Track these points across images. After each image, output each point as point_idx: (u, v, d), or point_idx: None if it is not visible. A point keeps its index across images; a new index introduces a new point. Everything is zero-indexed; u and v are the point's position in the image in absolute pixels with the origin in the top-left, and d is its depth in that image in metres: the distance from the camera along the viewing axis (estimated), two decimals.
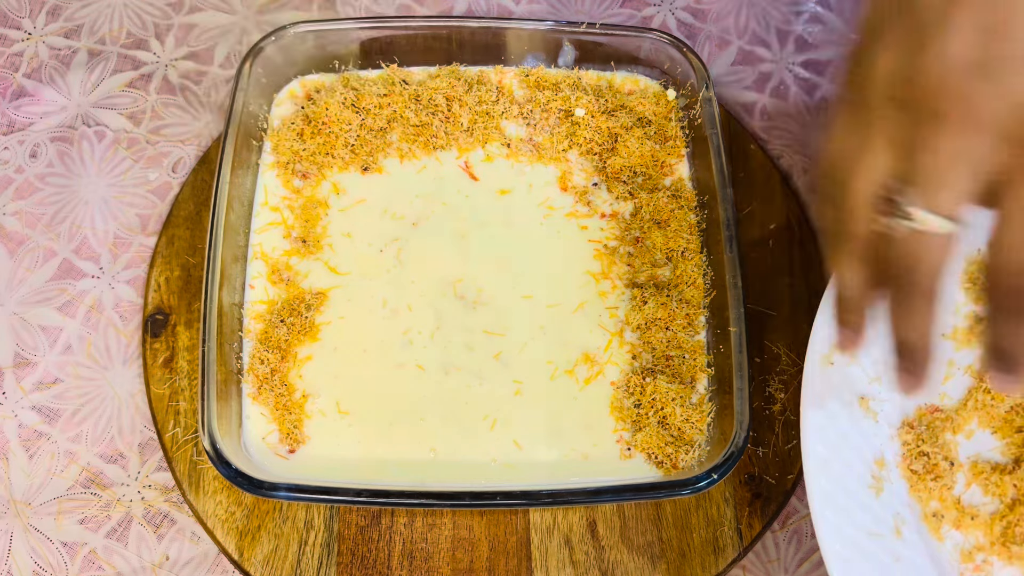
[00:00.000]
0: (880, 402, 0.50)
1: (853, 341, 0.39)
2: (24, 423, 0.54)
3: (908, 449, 0.50)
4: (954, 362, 0.53)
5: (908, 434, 0.50)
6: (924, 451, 0.50)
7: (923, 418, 0.51)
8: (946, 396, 0.52)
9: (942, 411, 0.51)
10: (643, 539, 0.52)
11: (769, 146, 0.64)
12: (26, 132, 0.62)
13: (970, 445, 0.51)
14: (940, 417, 0.51)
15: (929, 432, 0.50)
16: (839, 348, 0.42)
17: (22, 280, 0.58)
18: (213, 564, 0.52)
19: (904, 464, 0.50)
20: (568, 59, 0.62)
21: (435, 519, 0.52)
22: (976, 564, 0.49)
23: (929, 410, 0.51)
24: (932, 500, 0.49)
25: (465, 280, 0.56)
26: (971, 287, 0.53)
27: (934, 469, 0.49)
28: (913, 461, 0.50)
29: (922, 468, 0.49)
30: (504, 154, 0.60)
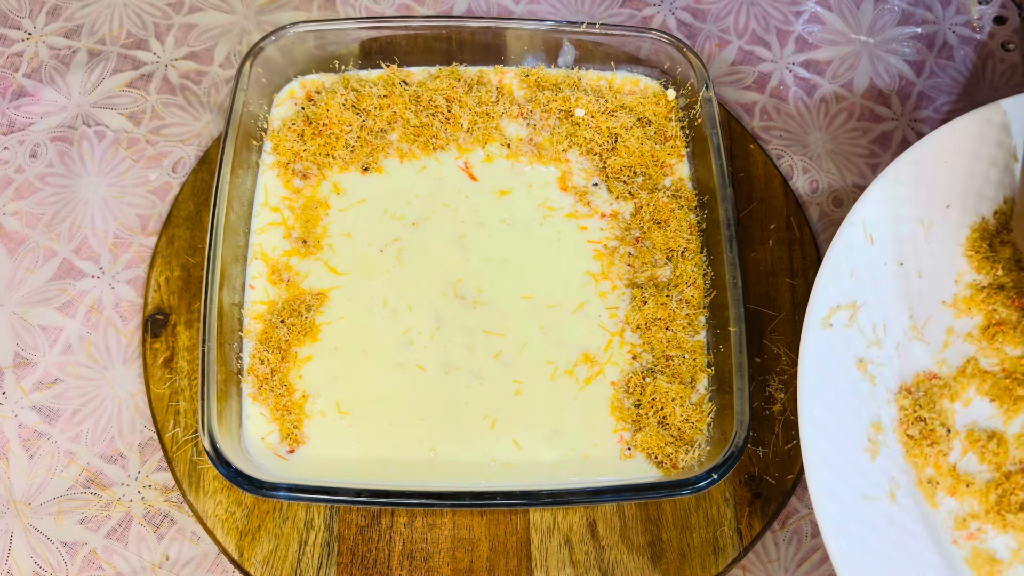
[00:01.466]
0: (879, 366, 0.50)
1: None
2: (24, 423, 0.54)
3: (905, 414, 0.50)
4: (953, 330, 0.53)
5: (906, 399, 0.50)
6: (921, 416, 0.49)
7: (921, 384, 0.51)
8: (945, 363, 0.52)
9: (940, 378, 0.51)
10: (643, 539, 0.52)
11: (769, 146, 0.64)
12: (26, 132, 0.62)
13: (967, 413, 0.51)
14: (938, 384, 0.51)
15: (927, 398, 0.50)
16: None
17: (22, 280, 0.58)
18: (213, 564, 0.52)
19: (901, 429, 0.50)
20: (568, 59, 0.62)
21: (435, 519, 0.52)
22: (970, 531, 0.49)
23: (927, 376, 0.51)
24: (928, 466, 0.49)
25: (465, 280, 0.56)
26: (974, 255, 0.53)
27: (930, 435, 0.49)
28: (910, 426, 0.49)
29: (918, 433, 0.49)
30: (504, 154, 0.60)
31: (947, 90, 0.66)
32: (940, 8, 0.69)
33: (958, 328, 0.53)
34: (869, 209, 0.50)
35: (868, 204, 0.50)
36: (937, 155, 0.51)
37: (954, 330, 0.53)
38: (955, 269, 0.53)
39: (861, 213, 0.50)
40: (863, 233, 0.50)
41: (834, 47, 0.67)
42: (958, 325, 0.53)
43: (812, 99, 0.65)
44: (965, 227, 0.54)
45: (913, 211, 0.52)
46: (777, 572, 0.53)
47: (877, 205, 0.50)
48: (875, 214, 0.50)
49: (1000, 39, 0.68)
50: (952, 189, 0.52)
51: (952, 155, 0.52)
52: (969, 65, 0.67)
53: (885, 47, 0.67)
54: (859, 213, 0.50)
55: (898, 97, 0.65)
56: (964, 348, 0.52)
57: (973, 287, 0.53)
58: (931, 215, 0.52)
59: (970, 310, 0.53)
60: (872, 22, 0.68)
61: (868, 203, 0.50)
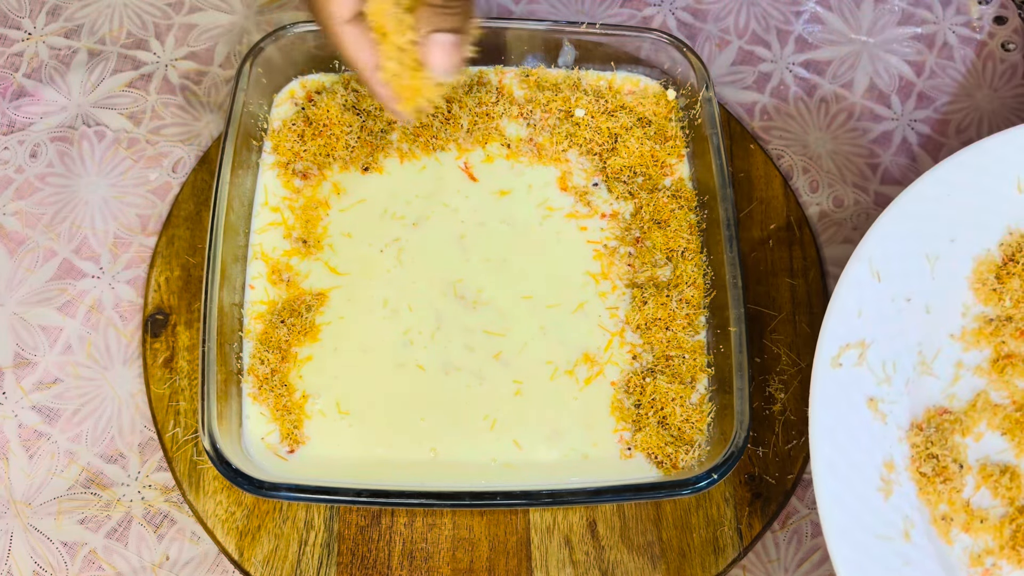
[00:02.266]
0: (889, 404, 0.50)
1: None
2: (24, 423, 0.54)
3: (917, 451, 0.50)
4: (963, 363, 0.52)
5: (917, 436, 0.50)
6: (933, 453, 0.49)
7: (932, 420, 0.51)
8: (955, 398, 0.52)
9: (951, 413, 0.51)
10: (643, 539, 0.52)
11: (769, 146, 0.64)
12: (26, 132, 0.62)
13: (979, 447, 0.51)
14: (949, 419, 0.51)
15: (938, 434, 0.50)
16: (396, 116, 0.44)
17: (22, 280, 0.58)
18: (213, 564, 0.52)
19: (913, 466, 0.49)
20: (568, 59, 0.62)
21: (435, 519, 0.52)
22: (985, 568, 0.49)
23: (938, 412, 0.51)
24: (941, 503, 0.49)
25: (465, 280, 0.56)
26: (980, 288, 0.53)
27: (943, 472, 0.49)
28: (922, 463, 0.49)
29: (931, 471, 0.49)
30: (504, 154, 0.60)
31: (947, 90, 0.66)
32: (940, 8, 0.69)
33: (967, 361, 0.53)
34: (874, 246, 0.50)
35: (873, 241, 0.50)
36: (940, 189, 0.52)
37: (963, 363, 0.52)
38: (961, 302, 0.53)
39: (867, 250, 0.50)
40: (869, 270, 0.50)
41: (834, 47, 0.67)
42: (967, 358, 0.53)
43: (812, 99, 0.65)
44: (970, 259, 0.53)
45: (918, 246, 0.52)
46: (777, 572, 0.53)
47: (882, 241, 0.50)
48: (881, 251, 0.50)
49: (1000, 39, 0.68)
50: (956, 223, 0.52)
51: (954, 189, 0.52)
52: (969, 65, 0.67)
53: (885, 47, 0.67)
54: (865, 250, 0.50)
55: (898, 97, 0.65)
56: (974, 381, 0.52)
57: (980, 319, 0.53)
58: (936, 249, 0.52)
59: (978, 343, 0.53)
60: (872, 22, 0.68)
61: (873, 240, 0.50)
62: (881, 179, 0.63)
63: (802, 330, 0.57)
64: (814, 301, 0.58)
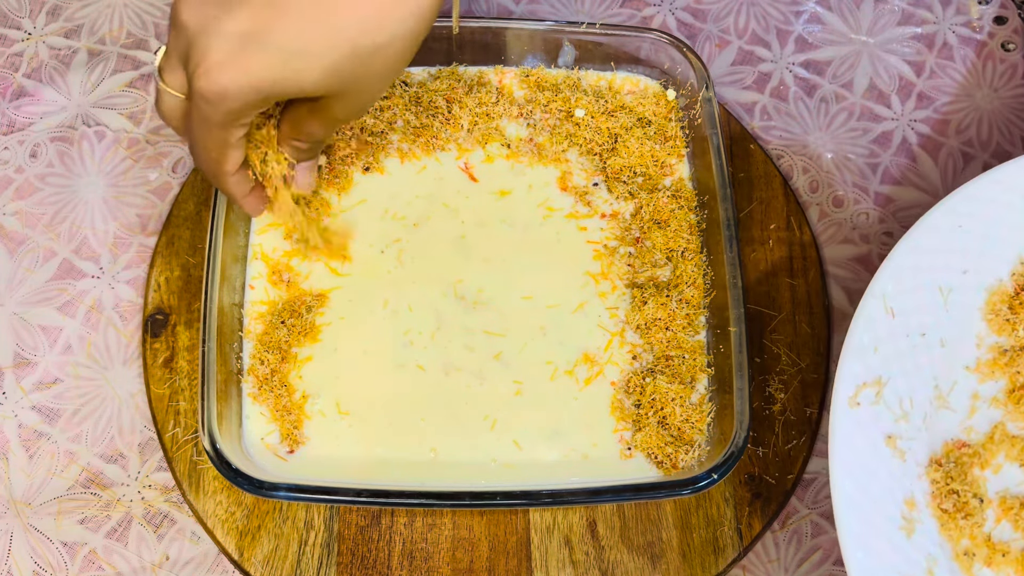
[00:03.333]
0: (908, 440, 0.49)
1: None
2: (24, 423, 0.54)
3: (937, 487, 0.49)
4: (979, 395, 0.52)
5: (936, 472, 0.50)
6: (953, 489, 0.49)
7: (951, 454, 0.50)
8: (972, 430, 0.51)
9: (969, 446, 0.51)
10: (643, 539, 0.52)
11: (769, 146, 0.64)
12: (26, 132, 0.62)
13: (998, 480, 0.51)
14: (967, 453, 0.51)
15: (957, 469, 0.50)
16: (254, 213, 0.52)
17: (22, 280, 0.58)
18: (213, 564, 0.52)
19: (934, 503, 0.49)
20: (568, 59, 0.62)
21: (435, 519, 0.52)
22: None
23: (956, 445, 0.51)
24: (963, 538, 0.49)
25: (465, 281, 0.56)
26: (994, 318, 0.53)
27: (964, 507, 0.49)
28: (943, 500, 0.49)
29: (952, 506, 0.49)
30: (504, 155, 0.60)
31: (947, 90, 0.66)
32: (940, 8, 0.69)
33: (983, 393, 0.52)
34: (887, 281, 0.50)
35: (886, 276, 0.50)
36: (951, 220, 0.51)
37: (979, 395, 0.52)
38: (975, 333, 0.53)
39: (880, 287, 0.50)
40: (883, 306, 0.50)
41: (834, 47, 0.67)
42: (983, 390, 0.52)
43: (812, 99, 0.65)
44: (983, 291, 0.53)
45: (931, 279, 0.52)
46: (777, 572, 0.53)
47: (895, 276, 0.50)
48: (894, 286, 0.50)
49: (1000, 39, 0.68)
50: (968, 254, 0.52)
51: (966, 220, 0.52)
52: (969, 65, 0.67)
53: (885, 47, 0.67)
54: (878, 287, 0.50)
55: (898, 97, 0.65)
56: (991, 413, 0.52)
57: (995, 350, 0.53)
58: (949, 281, 0.52)
59: (994, 373, 0.52)
60: (872, 22, 0.68)
61: (886, 275, 0.50)
62: (881, 179, 0.63)
63: (802, 330, 0.57)
64: (814, 301, 0.58)
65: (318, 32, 0.40)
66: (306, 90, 0.42)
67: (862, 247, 0.61)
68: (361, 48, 0.41)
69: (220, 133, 0.44)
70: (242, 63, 0.40)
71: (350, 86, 0.42)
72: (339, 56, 0.40)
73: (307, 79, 0.41)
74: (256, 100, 0.41)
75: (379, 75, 0.43)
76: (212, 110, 0.41)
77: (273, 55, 0.40)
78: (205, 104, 0.41)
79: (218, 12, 0.40)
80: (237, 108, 0.41)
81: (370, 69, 0.42)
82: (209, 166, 0.46)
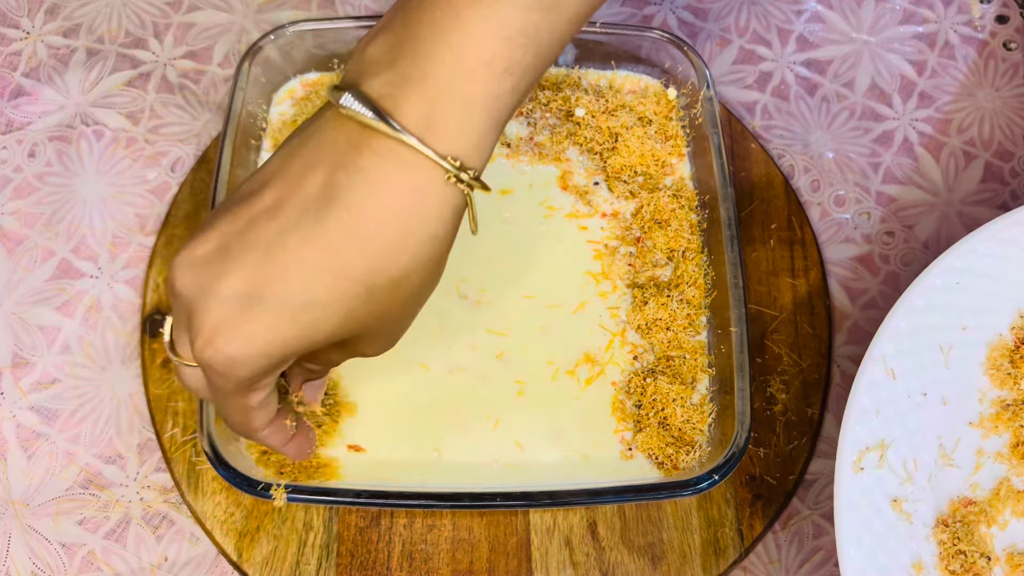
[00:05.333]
0: (913, 502, 0.49)
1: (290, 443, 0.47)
2: (22, 423, 0.54)
3: (944, 549, 0.49)
4: (983, 451, 0.52)
5: (943, 533, 0.49)
6: (961, 549, 0.49)
7: (957, 512, 0.50)
8: (978, 487, 0.51)
9: (975, 503, 0.51)
10: (644, 540, 0.52)
11: (770, 145, 0.63)
12: (24, 131, 0.62)
13: (1005, 536, 0.51)
14: (974, 511, 0.50)
15: (964, 528, 0.50)
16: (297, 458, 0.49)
17: (20, 280, 0.58)
18: (212, 565, 0.52)
19: (942, 565, 0.49)
20: (568, 58, 0.62)
21: (435, 520, 0.52)
22: None
23: (962, 503, 0.51)
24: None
25: (467, 280, 0.56)
26: (995, 373, 0.53)
27: (972, 567, 0.49)
28: (951, 561, 0.49)
29: (960, 567, 0.49)
30: (504, 153, 0.60)
31: (949, 89, 0.66)
32: (942, 7, 0.68)
33: (987, 448, 0.52)
34: (887, 343, 0.50)
35: (885, 338, 0.50)
36: (948, 279, 0.51)
37: (984, 451, 0.52)
38: (977, 388, 0.53)
39: (880, 349, 0.50)
40: (884, 368, 0.49)
41: (835, 46, 0.67)
42: (987, 445, 0.52)
43: (813, 98, 0.65)
44: (983, 346, 0.53)
45: (931, 338, 0.51)
46: (778, 573, 0.53)
47: (894, 338, 0.50)
48: (894, 348, 0.50)
49: (1002, 38, 0.67)
50: (966, 310, 0.52)
51: (963, 276, 0.52)
52: (971, 64, 0.66)
53: (886, 46, 0.67)
54: (878, 349, 0.49)
55: (899, 96, 0.65)
56: (996, 468, 0.52)
57: (998, 404, 0.53)
58: (949, 339, 0.52)
59: (997, 428, 0.52)
60: (873, 21, 0.68)
61: (885, 337, 0.50)
62: (883, 178, 0.63)
63: (803, 330, 0.57)
64: (815, 301, 0.58)
65: (325, 279, 0.36)
66: (323, 341, 0.37)
67: (864, 247, 0.60)
68: (376, 287, 0.37)
69: (238, 400, 0.40)
70: (246, 327, 0.36)
71: (373, 325, 0.38)
72: (353, 300, 0.36)
73: (322, 330, 0.37)
74: (268, 365, 0.37)
75: (403, 306, 0.39)
76: (223, 380, 0.38)
77: (278, 313, 0.36)
78: (214, 375, 0.37)
79: (213, 274, 0.36)
80: (247, 376, 0.37)
81: (392, 304, 0.38)
82: (240, 429, 0.43)
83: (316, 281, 0.36)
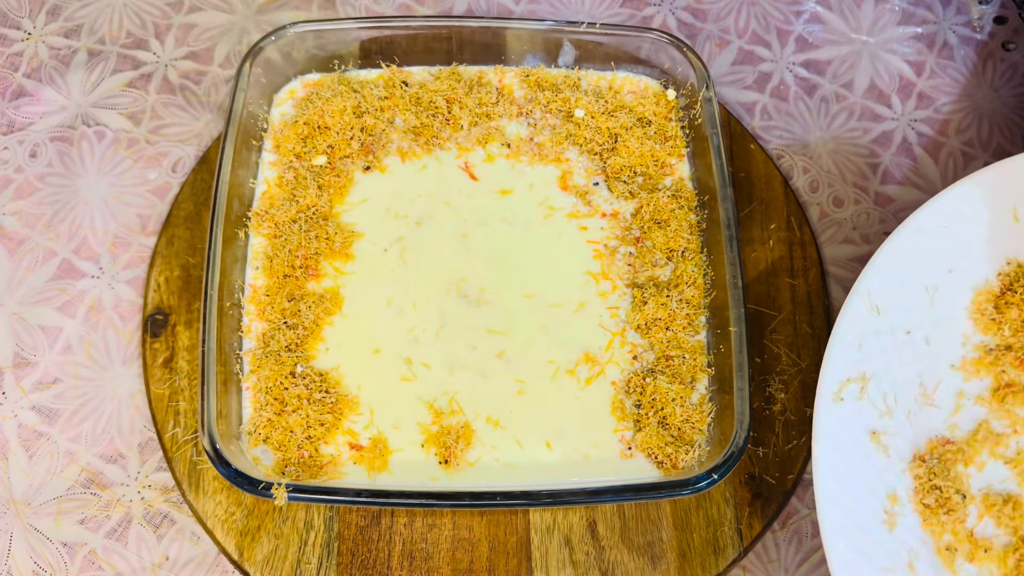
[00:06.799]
0: (891, 436, 0.50)
1: None
2: (24, 423, 0.54)
3: (920, 483, 0.50)
4: (964, 393, 0.52)
5: (919, 468, 0.50)
6: (936, 485, 0.49)
7: (934, 451, 0.51)
8: (957, 427, 0.52)
9: (953, 443, 0.51)
10: (643, 539, 0.52)
11: (769, 146, 0.64)
12: (26, 132, 0.62)
13: (982, 477, 0.51)
14: (951, 449, 0.51)
15: (940, 465, 0.50)
16: None
17: (22, 280, 0.58)
18: (213, 564, 0.52)
19: (916, 499, 0.49)
20: (568, 59, 0.62)
21: (435, 519, 0.52)
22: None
23: (940, 442, 0.51)
24: (945, 534, 0.49)
25: (468, 279, 0.56)
26: (979, 317, 0.53)
27: (946, 503, 0.49)
28: (925, 495, 0.49)
29: (934, 502, 0.49)
30: (505, 154, 0.60)
31: (948, 90, 0.66)
32: (940, 8, 0.68)
33: (968, 391, 0.53)
34: (873, 279, 0.50)
35: (872, 275, 0.50)
36: (937, 221, 0.52)
37: (964, 393, 0.52)
38: (961, 332, 0.53)
39: (866, 284, 0.50)
40: (869, 304, 0.50)
41: (834, 47, 0.67)
42: (968, 388, 0.53)
43: (812, 99, 0.65)
44: (968, 290, 0.53)
45: (917, 278, 0.52)
46: (777, 572, 0.53)
47: (881, 275, 0.50)
48: (879, 284, 0.50)
49: (1000, 39, 0.68)
50: (953, 253, 0.53)
51: (951, 220, 0.52)
52: (970, 65, 0.67)
53: (885, 47, 0.67)
54: (864, 284, 0.50)
55: (898, 97, 0.65)
56: (975, 411, 0.52)
57: (980, 349, 0.53)
58: (935, 281, 0.52)
59: (979, 372, 0.53)
60: (872, 22, 0.68)
61: (872, 274, 0.50)
62: (881, 179, 0.63)
63: (802, 330, 0.57)
64: (814, 301, 0.58)
65: None
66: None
67: (862, 247, 0.61)
68: None
69: None
70: None
71: None
72: None
73: None
74: None
75: None
76: None
77: None
78: None
79: None
80: None
81: None
82: None
83: None
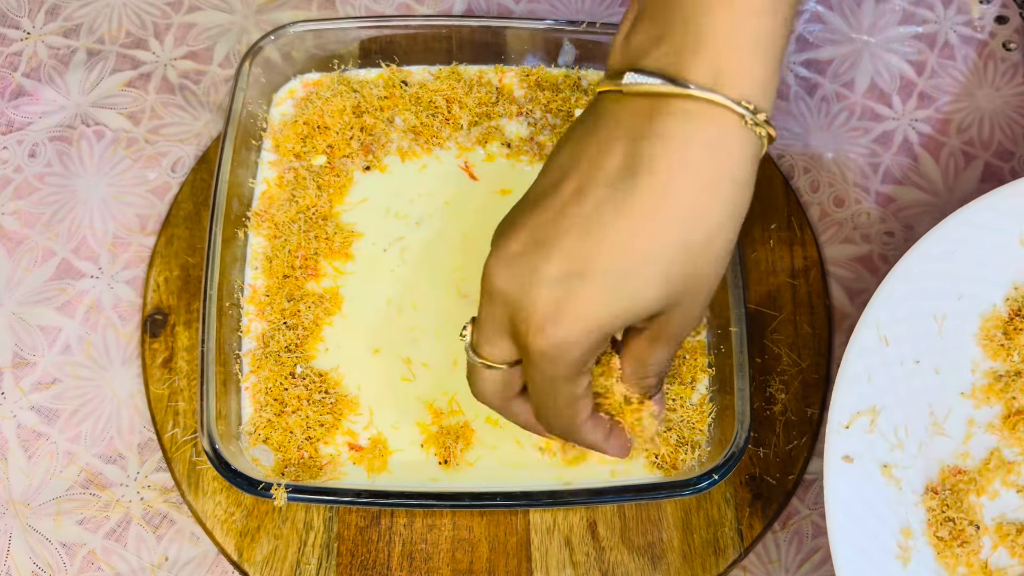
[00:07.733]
0: (903, 469, 0.49)
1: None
2: (23, 423, 0.54)
3: (933, 515, 0.49)
4: (974, 420, 0.52)
5: (932, 500, 0.50)
6: (950, 516, 0.49)
7: (947, 481, 0.50)
8: (968, 456, 0.51)
9: (965, 473, 0.51)
10: (644, 540, 0.52)
11: (769, 146, 0.63)
12: (25, 132, 0.62)
13: (994, 506, 0.51)
14: (963, 479, 0.50)
15: (953, 496, 0.50)
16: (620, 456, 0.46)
17: (21, 280, 0.58)
18: (212, 565, 0.52)
19: (930, 531, 0.49)
20: (568, 58, 0.62)
21: (435, 520, 0.52)
22: None
23: (952, 472, 0.51)
24: (960, 566, 0.49)
25: (468, 279, 0.56)
26: (988, 343, 0.53)
27: (960, 535, 0.49)
28: (939, 528, 0.49)
29: (948, 534, 0.49)
30: (505, 154, 0.60)
31: (948, 90, 0.66)
32: (941, 8, 0.68)
33: (979, 419, 0.52)
34: (881, 310, 0.50)
35: (879, 304, 0.50)
36: (944, 248, 0.51)
37: (975, 421, 0.52)
38: (970, 359, 0.53)
39: (873, 315, 0.50)
40: (877, 335, 0.49)
41: (835, 46, 0.67)
42: (978, 415, 0.52)
43: (813, 98, 0.65)
44: (977, 316, 0.53)
45: (925, 306, 0.51)
46: (778, 573, 0.53)
47: (889, 305, 0.50)
48: (887, 314, 0.50)
49: (1001, 39, 0.67)
50: (961, 279, 0.52)
51: (959, 246, 0.52)
52: (970, 65, 0.67)
53: (886, 46, 0.67)
54: (871, 315, 0.50)
55: (899, 97, 0.65)
56: (986, 439, 0.52)
57: (990, 375, 0.52)
58: (943, 308, 0.52)
59: (989, 399, 0.52)
60: (873, 21, 0.68)
61: (879, 304, 0.50)
62: (882, 179, 0.63)
63: (803, 330, 0.57)
64: (815, 301, 0.58)
65: (644, 244, 0.36)
66: (644, 311, 0.38)
67: (863, 247, 0.61)
68: (693, 243, 0.37)
69: (568, 387, 0.40)
70: (573, 307, 0.37)
71: (687, 290, 0.38)
72: (671, 265, 0.37)
73: (643, 298, 0.37)
74: (597, 340, 0.38)
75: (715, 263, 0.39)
76: (555, 367, 0.38)
77: (601, 286, 0.37)
78: (547, 363, 0.38)
79: (532, 265, 0.37)
80: (579, 356, 0.38)
81: (706, 263, 0.38)
82: (562, 423, 0.43)
83: (637, 247, 0.36)
